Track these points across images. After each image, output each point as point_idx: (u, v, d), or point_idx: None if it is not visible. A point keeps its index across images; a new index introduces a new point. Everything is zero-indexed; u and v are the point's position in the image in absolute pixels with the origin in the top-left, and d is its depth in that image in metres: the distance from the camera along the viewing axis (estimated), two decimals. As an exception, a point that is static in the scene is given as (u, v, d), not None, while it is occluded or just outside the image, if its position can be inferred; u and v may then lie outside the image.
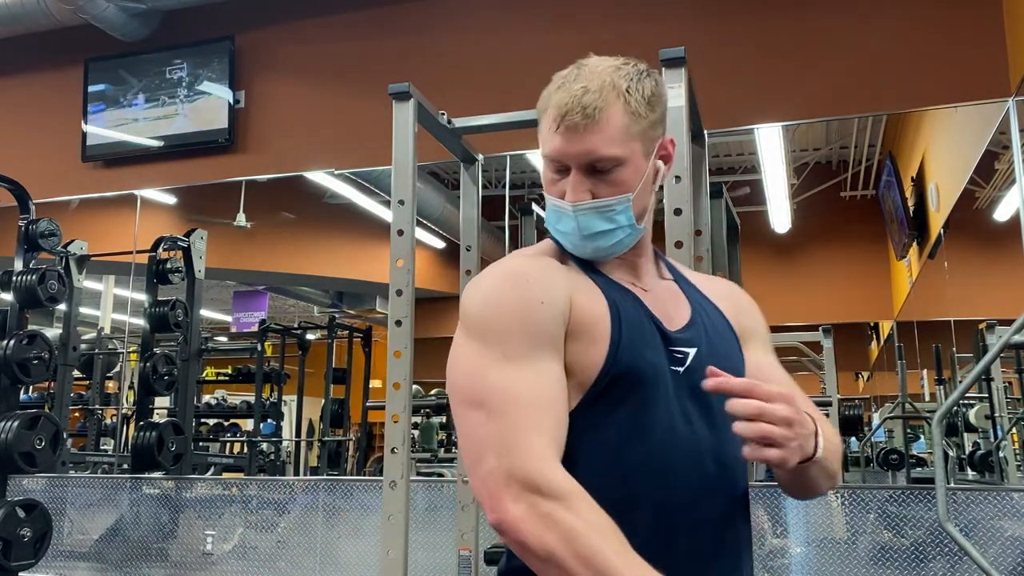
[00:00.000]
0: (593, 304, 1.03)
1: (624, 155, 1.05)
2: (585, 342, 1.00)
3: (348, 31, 3.92)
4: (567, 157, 1.05)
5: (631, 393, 0.99)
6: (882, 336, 4.48)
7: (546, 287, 1.01)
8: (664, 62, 2.01)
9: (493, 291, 1.03)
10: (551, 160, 1.07)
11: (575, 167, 1.05)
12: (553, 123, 1.05)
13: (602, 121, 1.03)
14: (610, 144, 1.04)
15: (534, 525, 0.87)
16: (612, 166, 1.05)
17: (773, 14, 3.32)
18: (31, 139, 4.45)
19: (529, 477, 0.89)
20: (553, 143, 1.05)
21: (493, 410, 0.94)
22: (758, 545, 2.65)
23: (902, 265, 4.01)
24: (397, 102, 2.15)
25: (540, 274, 1.04)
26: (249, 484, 3.70)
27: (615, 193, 1.06)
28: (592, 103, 1.03)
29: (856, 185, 4.23)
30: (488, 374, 0.96)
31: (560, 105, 1.05)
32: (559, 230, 1.08)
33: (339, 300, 5.66)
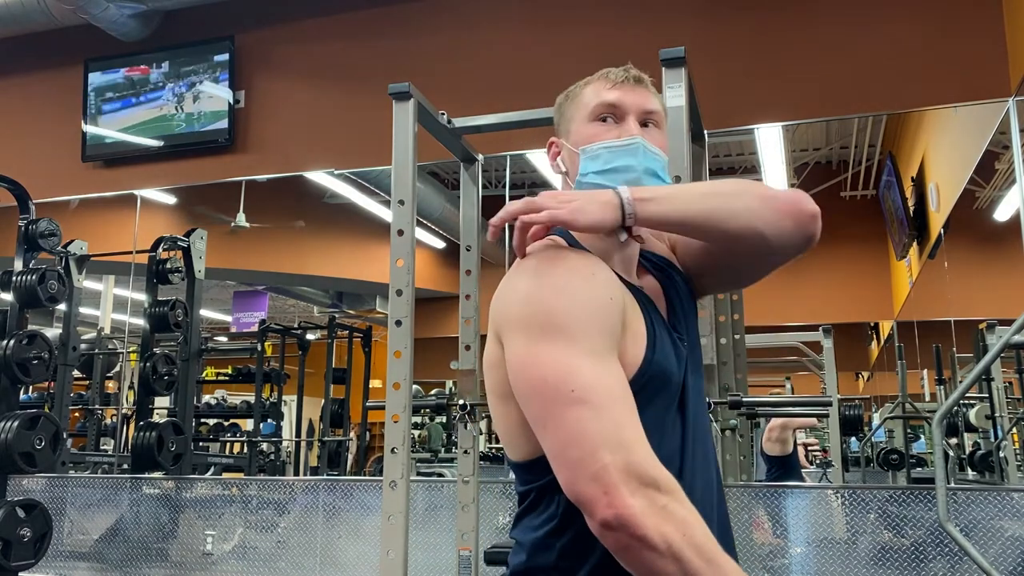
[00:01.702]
0: (634, 302, 1.06)
1: (663, 119, 1.19)
2: (628, 340, 1.01)
3: (348, 31, 3.92)
4: (626, 104, 1.15)
5: (660, 391, 1.04)
6: (882, 336, 4.48)
7: (609, 283, 1.03)
8: (664, 62, 2.01)
9: (566, 286, 1.00)
10: (609, 106, 1.15)
11: (633, 114, 1.15)
12: (607, 83, 1.17)
13: (649, 88, 1.19)
14: (657, 104, 1.18)
15: (653, 517, 0.87)
16: (658, 124, 1.17)
17: (773, 14, 3.31)
18: (31, 139, 4.45)
19: (647, 472, 0.89)
20: (611, 94, 1.16)
21: (598, 406, 0.92)
22: (758, 545, 2.65)
23: (902, 265, 4.01)
24: (397, 102, 2.15)
25: (601, 269, 1.04)
26: (249, 484, 3.70)
27: (663, 148, 1.17)
28: (641, 74, 1.19)
29: (856, 185, 4.23)
30: (582, 370, 0.94)
31: (615, 72, 1.18)
32: (609, 169, 1.11)
33: (339, 300, 5.66)
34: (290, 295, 5.82)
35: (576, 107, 1.19)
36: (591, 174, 1.13)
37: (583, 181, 1.13)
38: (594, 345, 0.96)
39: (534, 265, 1.04)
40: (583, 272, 1.02)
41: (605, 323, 0.98)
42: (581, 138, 1.16)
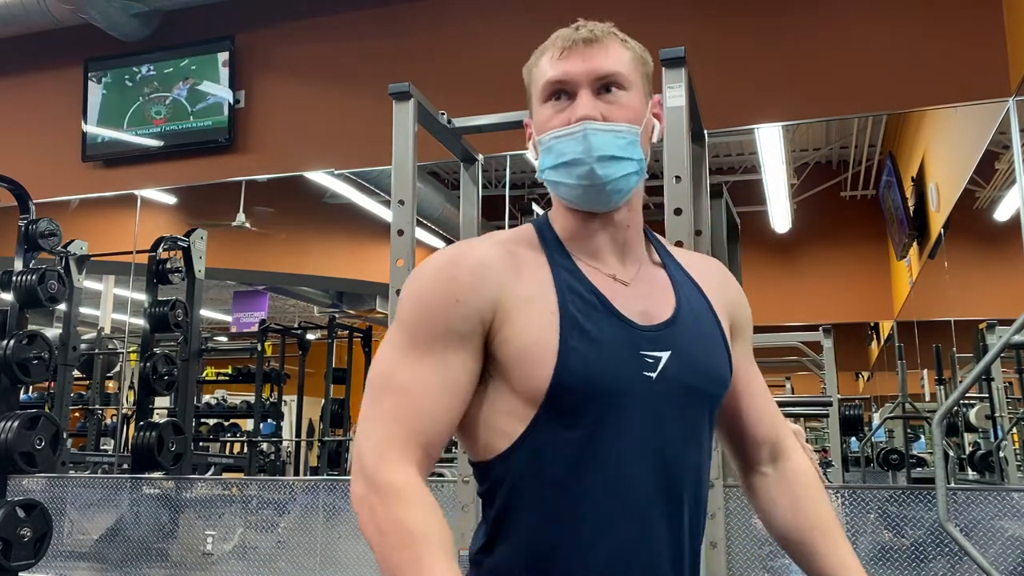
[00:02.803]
0: (535, 310, 0.96)
1: (631, 78, 1.02)
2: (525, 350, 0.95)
3: (348, 31, 3.92)
4: (574, 75, 1.00)
5: (586, 405, 0.94)
6: (882, 336, 4.48)
7: (468, 284, 0.97)
8: (664, 62, 2.01)
9: (425, 281, 1.00)
10: (554, 84, 1.02)
11: (585, 86, 1.00)
12: (557, 51, 1.03)
13: (607, 44, 1.03)
14: (617, 64, 1.01)
15: (362, 511, 0.91)
16: (622, 85, 1.01)
17: (773, 14, 3.31)
18: (31, 139, 4.45)
19: (369, 466, 0.92)
20: (559, 66, 1.01)
21: (375, 396, 0.98)
22: (758, 544, 2.65)
23: (902, 265, 4.01)
24: (397, 102, 2.15)
25: (468, 268, 0.99)
26: (249, 484, 3.69)
27: (625, 117, 1.00)
28: (594, 32, 1.03)
29: (856, 185, 4.23)
30: (387, 364, 0.99)
31: (564, 34, 1.04)
32: (560, 164, 0.99)
33: (339, 300, 5.66)
34: (290, 295, 5.82)
35: (532, 83, 1.07)
36: (547, 170, 1.02)
37: (542, 177, 1.03)
38: (414, 342, 0.97)
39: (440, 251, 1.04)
40: (447, 270, 0.99)
41: (439, 324, 0.96)
42: (538, 122, 1.04)
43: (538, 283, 0.98)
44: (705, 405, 1.02)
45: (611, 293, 1.00)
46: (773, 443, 1.15)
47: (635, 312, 0.99)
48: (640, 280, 1.04)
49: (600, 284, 1.00)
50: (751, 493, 1.17)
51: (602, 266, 1.02)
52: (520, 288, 0.98)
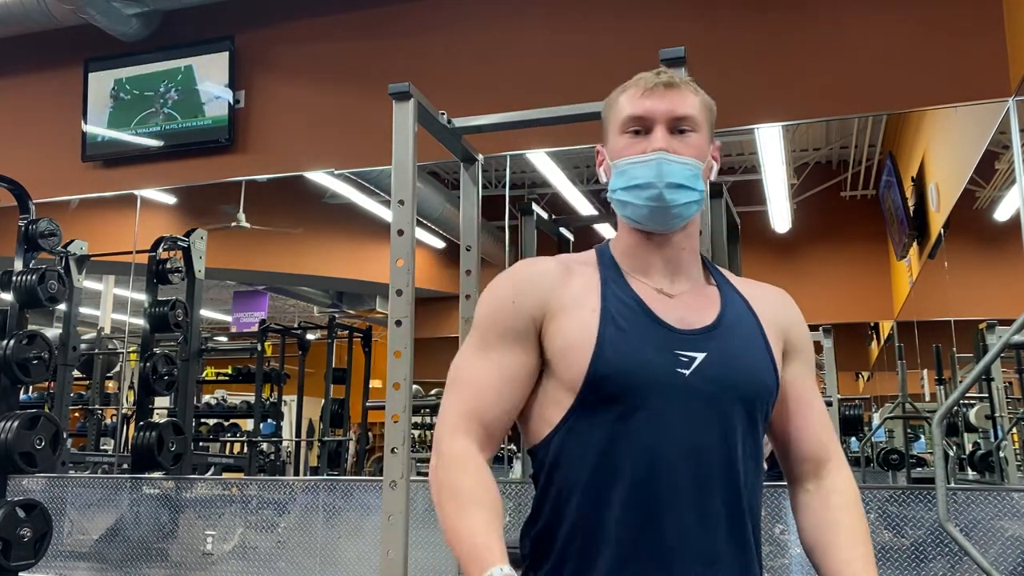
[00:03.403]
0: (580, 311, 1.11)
1: (701, 122, 1.16)
2: (568, 344, 1.09)
3: (348, 31, 3.92)
4: (655, 113, 1.14)
5: (618, 396, 1.06)
6: (882, 336, 4.48)
7: (523, 289, 1.15)
8: (664, 62, 2.01)
9: (491, 290, 1.19)
10: (636, 119, 1.15)
11: (662, 124, 1.14)
12: (639, 91, 1.16)
13: (683, 90, 1.17)
14: (691, 107, 1.16)
15: (431, 476, 1.10)
16: (692, 127, 1.15)
17: (773, 14, 3.31)
18: (31, 139, 4.45)
19: (441, 442, 1.11)
20: (641, 104, 1.15)
21: (449, 387, 1.16)
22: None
23: (902, 265, 4.01)
24: (397, 102, 2.15)
25: (524, 276, 1.17)
26: (249, 484, 3.70)
27: (692, 154, 1.14)
28: (673, 78, 1.17)
29: (856, 185, 4.22)
30: (461, 359, 1.18)
31: (647, 78, 1.17)
32: (632, 186, 1.13)
33: (339, 300, 5.65)
34: (290, 295, 5.82)
35: (612, 116, 1.20)
36: (619, 190, 1.15)
37: (613, 197, 1.17)
38: (482, 341, 1.15)
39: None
40: (504, 279, 1.18)
41: (499, 323, 1.14)
42: (614, 149, 1.18)
43: (585, 289, 1.13)
44: (741, 405, 1.09)
45: (652, 301, 1.12)
46: (818, 461, 1.20)
47: (674, 318, 1.11)
48: (687, 295, 1.15)
49: (643, 294, 1.13)
50: (794, 508, 1.22)
51: (650, 281, 1.15)
52: (567, 292, 1.13)
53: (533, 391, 1.13)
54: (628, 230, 1.19)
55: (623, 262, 1.17)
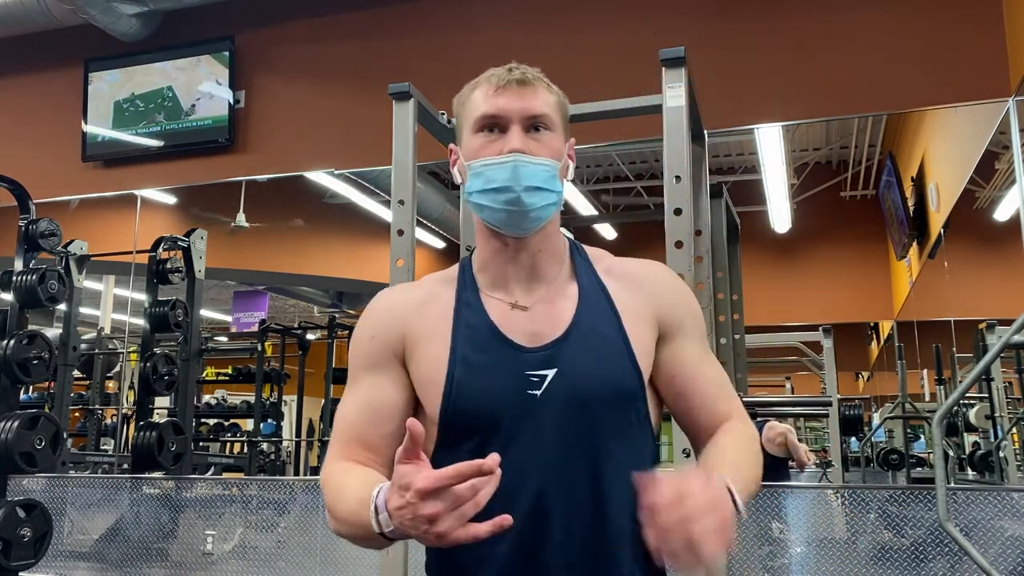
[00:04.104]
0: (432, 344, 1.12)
1: (555, 121, 1.14)
2: (425, 381, 1.11)
3: (348, 31, 3.92)
4: (509, 112, 1.11)
5: (472, 431, 1.07)
6: (882, 336, 4.48)
7: (381, 324, 1.17)
8: (664, 62, 2.01)
9: (356, 328, 1.22)
10: (490, 117, 1.12)
11: (516, 122, 1.11)
12: (492, 88, 1.13)
13: (537, 88, 1.14)
14: (545, 105, 1.13)
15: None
16: (547, 126, 1.13)
17: (773, 14, 3.31)
18: (31, 139, 4.45)
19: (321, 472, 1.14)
20: (494, 102, 1.12)
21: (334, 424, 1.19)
22: (758, 544, 2.65)
23: (902, 265, 4.01)
24: (397, 102, 2.15)
25: (381, 310, 1.19)
26: (249, 484, 3.70)
27: (548, 154, 1.11)
28: (526, 75, 1.15)
29: (856, 185, 4.23)
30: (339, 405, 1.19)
31: (499, 75, 1.14)
32: (489, 189, 1.10)
33: (339, 300, 5.65)
34: (290, 295, 5.82)
35: (465, 114, 1.17)
36: (475, 193, 1.12)
37: (469, 199, 1.14)
38: (352, 376, 1.18)
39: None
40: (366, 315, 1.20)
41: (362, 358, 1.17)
42: (468, 149, 1.14)
43: (440, 318, 1.13)
44: (599, 415, 1.07)
45: (504, 321, 1.11)
46: (715, 429, 1.16)
47: (525, 335, 1.10)
48: (542, 303, 1.13)
49: (496, 314, 1.12)
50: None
51: (504, 295, 1.14)
52: (423, 323, 1.14)
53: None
54: (486, 236, 1.16)
55: (480, 278, 1.16)
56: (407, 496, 0.88)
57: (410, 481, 0.87)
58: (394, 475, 0.91)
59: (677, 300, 1.18)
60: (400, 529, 0.91)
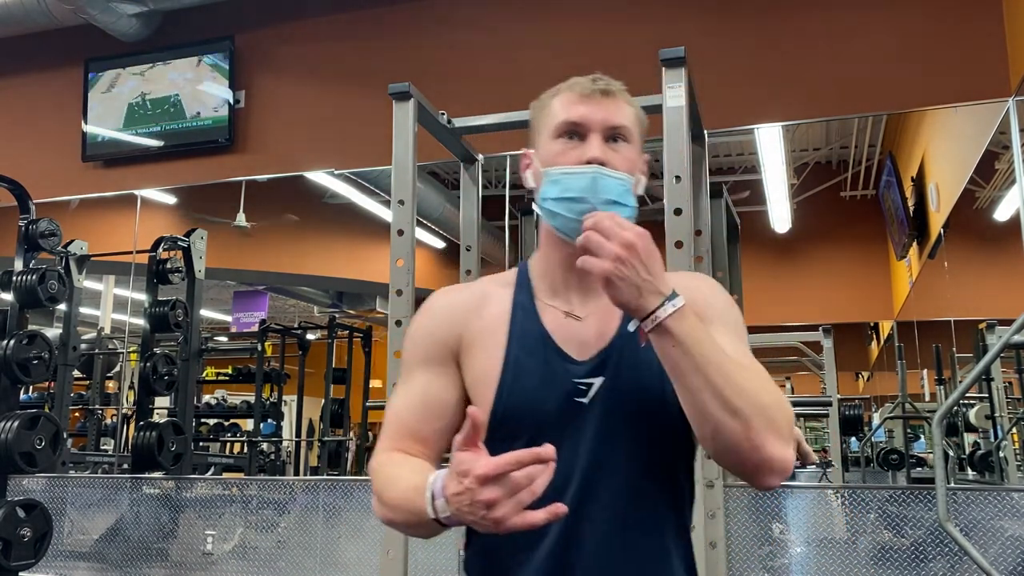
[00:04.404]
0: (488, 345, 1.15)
1: (634, 133, 1.15)
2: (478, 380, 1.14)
3: (348, 31, 3.92)
4: (591, 120, 1.12)
5: (520, 431, 1.09)
6: (882, 336, 4.48)
7: (438, 321, 1.19)
8: (664, 62, 2.01)
9: (412, 323, 1.25)
10: (571, 124, 1.13)
11: (597, 132, 1.12)
12: (574, 95, 1.15)
13: (619, 99, 1.15)
14: (626, 118, 1.15)
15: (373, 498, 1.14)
16: (626, 138, 1.14)
17: (773, 14, 3.32)
18: (31, 139, 4.45)
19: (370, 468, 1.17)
20: (577, 110, 1.13)
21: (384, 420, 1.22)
22: (758, 544, 2.65)
23: (902, 265, 4.01)
24: (397, 102, 2.15)
25: (439, 308, 1.21)
26: (249, 484, 3.70)
27: (625, 167, 1.12)
28: (610, 86, 1.16)
29: (856, 185, 4.23)
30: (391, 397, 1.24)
31: (583, 83, 1.16)
32: (564, 198, 1.10)
33: (339, 300, 5.65)
34: (290, 295, 5.82)
35: (543, 119, 1.18)
36: (550, 200, 1.12)
37: (542, 206, 1.15)
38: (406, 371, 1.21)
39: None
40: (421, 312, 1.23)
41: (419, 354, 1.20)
42: (546, 155, 1.15)
43: (496, 321, 1.16)
44: (640, 420, 1.10)
45: (558, 329, 1.14)
46: None
47: (576, 345, 1.13)
48: (594, 314, 1.15)
49: (550, 321, 1.15)
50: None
51: (560, 303, 1.16)
52: (480, 323, 1.16)
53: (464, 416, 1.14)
54: (552, 244, 1.17)
55: (538, 285, 1.18)
56: (466, 482, 0.89)
57: (469, 467, 0.89)
58: (452, 462, 0.93)
59: (712, 296, 1.17)
60: (457, 515, 0.93)
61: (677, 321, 0.97)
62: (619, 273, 0.96)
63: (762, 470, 0.99)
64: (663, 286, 0.97)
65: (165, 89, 4.13)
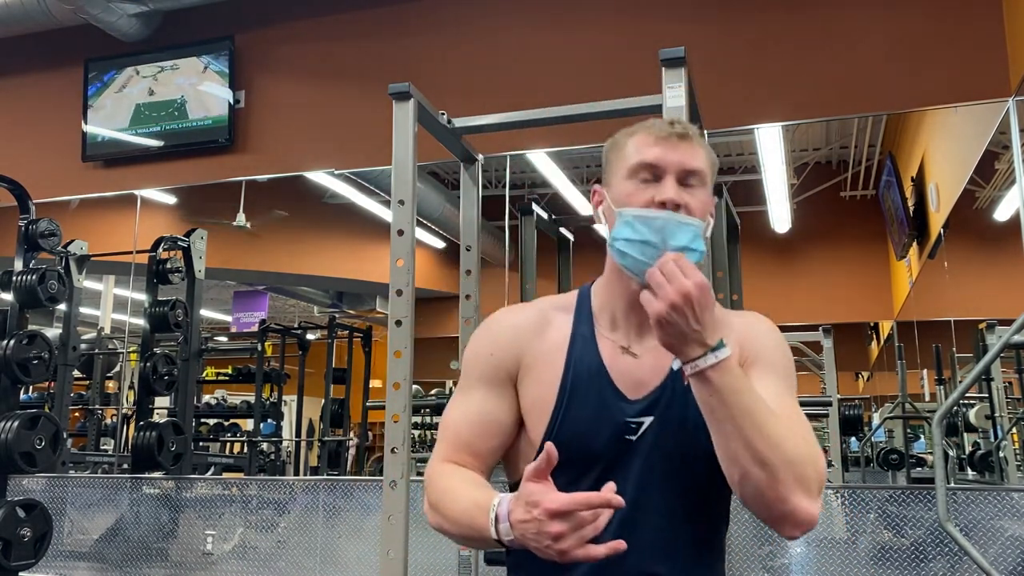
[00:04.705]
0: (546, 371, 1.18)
1: (708, 175, 1.17)
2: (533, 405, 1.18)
3: (348, 31, 3.92)
4: (667, 162, 1.14)
5: (570, 462, 1.09)
6: (882, 336, 4.48)
7: (500, 342, 1.23)
8: (664, 62, 2.01)
9: (473, 339, 1.28)
10: (647, 166, 1.14)
11: (672, 174, 1.13)
12: (651, 137, 1.16)
13: (695, 143, 1.17)
14: (700, 162, 1.16)
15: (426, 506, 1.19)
16: (700, 182, 1.15)
17: (773, 14, 3.32)
18: (31, 139, 4.45)
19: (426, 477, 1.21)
20: (652, 151, 1.15)
21: (439, 433, 1.26)
22: (758, 544, 2.65)
23: (902, 265, 4.01)
24: (397, 102, 2.15)
25: (501, 329, 1.25)
26: (249, 484, 3.70)
27: (699, 210, 1.13)
28: (687, 129, 1.18)
29: (856, 185, 4.23)
30: (448, 405, 1.26)
31: (660, 125, 1.18)
32: (636, 240, 1.10)
33: (339, 300, 5.66)
34: (290, 295, 5.82)
35: (618, 158, 1.19)
36: (621, 240, 1.12)
37: (614, 245, 1.14)
38: (464, 386, 1.25)
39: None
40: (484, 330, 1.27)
41: (478, 371, 1.23)
42: (619, 194, 1.16)
43: (555, 347, 1.19)
44: (684, 461, 1.14)
45: (614, 364, 1.17)
46: None
47: (630, 381, 1.16)
48: (649, 352, 1.17)
49: (608, 355, 1.18)
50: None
51: (618, 338, 1.19)
52: (540, 347, 1.20)
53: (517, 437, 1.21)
54: (617, 278, 1.19)
55: (599, 315, 1.21)
56: (535, 512, 0.95)
57: (539, 500, 0.95)
58: (522, 490, 0.98)
59: (763, 338, 1.21)
60: (520, 540, 0.98)
61: (717, 372, 1.01)
62: (670, 319, 1.00)
63: (786, 522, 1.03)
64: (710, 337, 1.01)
65: (172, 92, 4.13)
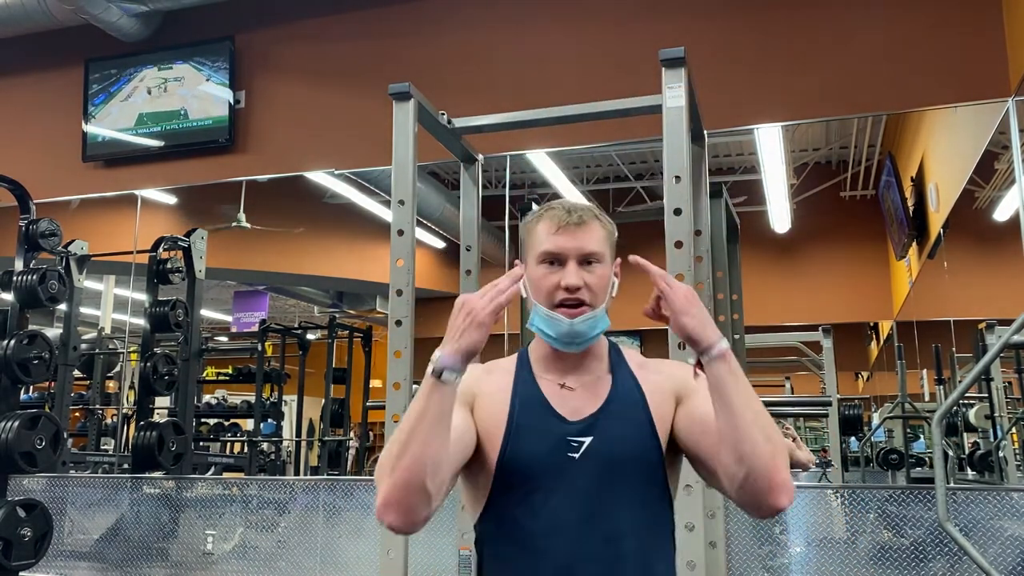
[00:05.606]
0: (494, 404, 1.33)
1: (605, 254, 1.35)
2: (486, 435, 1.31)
3: (348, 31, 3.92)
4: (567, 250, 1.32)
5: (520, 480, 1.28)
6: (882, 336, 4.48)
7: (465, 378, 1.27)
8: (664, 62, 2.01)
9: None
10: (551, 254, 1.33)
11: (573, 259, 1.32)
12: (552, 226, 1.34)
13: (591, 227, 1.35)
14: (597, 243, 1.34)
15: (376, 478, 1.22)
16: (599, 260, 1.34)
17: (773, 14, 3.32)
18: (31, 139, 4.45)
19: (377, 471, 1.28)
20: (554, 241, 1.33)
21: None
22: (758, 544, 2.65)
23: (902, 265, 4.02)
24: (397, 102, 2.15)
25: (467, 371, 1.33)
26: (249, 484, 3.70)
27: (599, 284, 1.33)
28: (583, 217, 1.35)
29: (856, 185, 4.23)
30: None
31: (558, 216, 1.35)
32: (548, 333, 1.33)
33: (339, 300, 5.66)
34: (290, 295, 5.82)
35: (530, 241, 1.37)
36: (539, 328, 1.34)
37: (532, 325, 1.36)
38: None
39: None
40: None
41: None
42: (533, 276, 1.35)
43: (502, 387, 1.36)
44: (625, 472, 1.29)
45: (553, 395, 1.34)
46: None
47: (569, 409, 1.32)
48: (583, 387, 1.35)
49: (547, 390, 1.35)
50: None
51: (556, 378, 1.36)
52: (488, 389, 1.36)
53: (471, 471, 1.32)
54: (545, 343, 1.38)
55: (536, 365, 1.39)
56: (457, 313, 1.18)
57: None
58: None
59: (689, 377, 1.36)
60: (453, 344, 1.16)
61: (730, 354, 1.20)
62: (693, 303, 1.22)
63: (782, 490, 1.19)
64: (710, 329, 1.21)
65: (175, 103, 4.12)
